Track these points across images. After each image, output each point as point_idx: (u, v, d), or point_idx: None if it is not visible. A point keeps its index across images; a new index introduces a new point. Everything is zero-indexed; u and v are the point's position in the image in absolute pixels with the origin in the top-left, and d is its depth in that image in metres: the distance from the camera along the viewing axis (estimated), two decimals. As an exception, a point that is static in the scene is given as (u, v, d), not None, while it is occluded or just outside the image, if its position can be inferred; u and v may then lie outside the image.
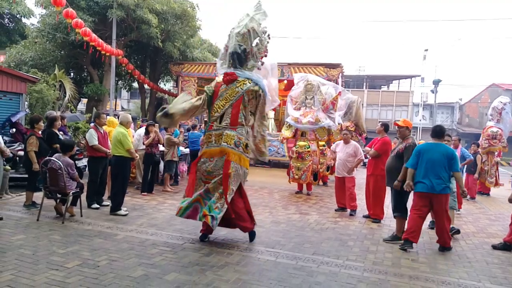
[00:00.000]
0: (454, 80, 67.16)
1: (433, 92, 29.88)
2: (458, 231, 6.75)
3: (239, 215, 5.53)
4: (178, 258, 4.76)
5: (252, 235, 5.71)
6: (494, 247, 6.11)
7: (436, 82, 28.96)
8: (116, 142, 6.96)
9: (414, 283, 4.43)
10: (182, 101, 5.66)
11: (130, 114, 9.44)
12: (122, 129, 7.10)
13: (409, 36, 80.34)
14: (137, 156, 7.51)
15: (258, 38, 5.70)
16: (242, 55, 5.67)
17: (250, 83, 5.62)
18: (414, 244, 5.74)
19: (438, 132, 5.94)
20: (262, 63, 5.84)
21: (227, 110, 5.56)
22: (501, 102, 12.95)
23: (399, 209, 6.23)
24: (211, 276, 4.27)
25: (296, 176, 10.05)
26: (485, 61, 68.04)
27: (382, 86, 43.59)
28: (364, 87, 40.07)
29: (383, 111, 39.18)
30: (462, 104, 44.31)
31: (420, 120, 37.14)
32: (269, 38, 5.79)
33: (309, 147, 10.19)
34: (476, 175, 11.26)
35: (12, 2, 21.39)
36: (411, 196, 6.05)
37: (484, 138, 11.99)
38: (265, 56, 5.84)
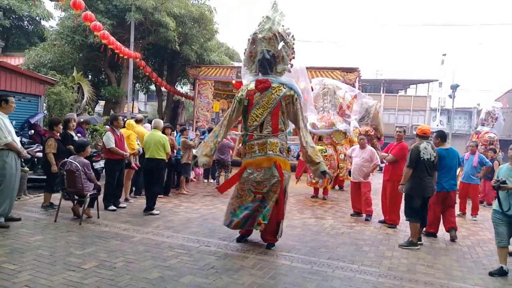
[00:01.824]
0: (472, 85, 65.96)
1: (450, 97, 29.37)
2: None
3: (266, 227, 5.48)
4: (193, 261, 4.77)
5: (270, 244, 5.60)
6: None
7: (454, 87, 28.43)
8: (159, 146, 7.37)
9: None
10: (202, 149, 5.73)
11: (147, 116, 9.55)
12: (159, 133, 7.58)
13: (427, 40, 79.36)
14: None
15: (284, 40, 5.63)
16: (272, 60, 5.62)
17: (285, 88, 5.55)
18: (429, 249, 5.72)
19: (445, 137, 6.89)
20: (291, 66, 5.75)
21: (267, 118, 5.51)
22: (495, 107, 12.90)
23: (409, 213, 6.26)
24: (226, 279, 4.27)
25: (314, 181, 10.02)
26: (504, 66, 66.85)
27: (399, 91, 43.17)
28: (381, 91, 39.70)
29: (400, 116, 38.76)
30: (480, 110, 43.50)
31: (437, 125, 36.64)
32: (294, 39, 5.72)
33: (326, 151, 10.14)
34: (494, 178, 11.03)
35: (33, 5, 21.85)
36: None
37: (480, 144, 11.80)
38: (293, 58, 5.75)
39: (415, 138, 6.61)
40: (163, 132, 9.01)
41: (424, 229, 6.73)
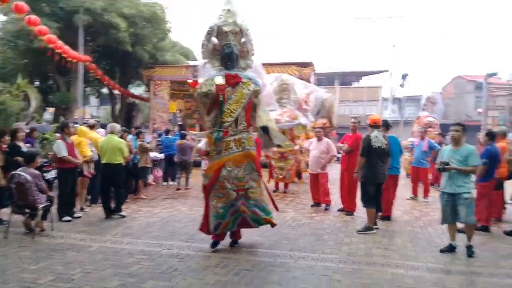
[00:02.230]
0: (421, 74, 69.01)
1: (401, 86, 30.59)
2: None
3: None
4: (155, 265, 4.71)
5: (234, 242, 5.62)
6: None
7: (404, 76, 29.68)
8: (116, 150, 7.37)
9: (385, 270, 4.66)
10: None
11: (100, 121, 9.33)
12: (116, 137, 7.60)
13: (378, 32, 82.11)
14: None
15: (246, 36, 5.57)
16: (237, 55, 5.51)
17: (252, 84, 5.52)
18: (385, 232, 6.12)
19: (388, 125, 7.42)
20: (252, 62, 5.73)
21: (241, 113, 5.40)
22: (434, 93, 13.73)
23: (365, 200, 6.57)
24: (190, 280, 4.27)
25: (281, 176, 10.17)
26: (450, 55, 70.33)
27: (353, 83, 44.27)
28: (336, 84, 40.58)
29: (354, 107, 39.79)
30: (428, 97, 45.41)
31: (389, 114, 37.95)
32: (251, 35, 5.66)
33: (291, 146, 10.28)
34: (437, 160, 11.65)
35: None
36: None
37: (420, 127, 12.47)
38: (253, 54, 5.70)
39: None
40: (120, 137, 8.82)
41: (380, 214, 7.00)
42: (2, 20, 16.49)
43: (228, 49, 5.44)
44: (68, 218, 7.00)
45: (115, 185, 7.51)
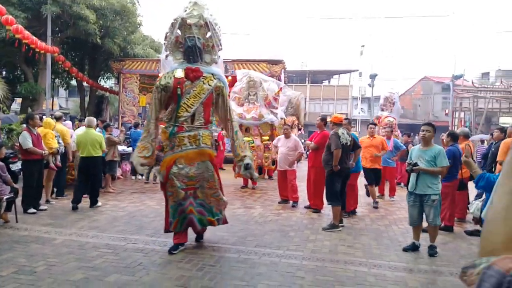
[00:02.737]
0: (389, 74, 70.62)
1: (370, 86, 31.34)
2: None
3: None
4: (120, 259, 4.73)
5: (199, 237, 5.58)
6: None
7: (373, 76, 30.45)
8: (95, 143, 7.74)
9: (348, 268, 4.73)
10: (138, 152, 5.26)
11: (68, 113, 9.26)
12: (94, 131, 8.03)
13: (348, 32, 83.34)
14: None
15: (213, 30, 5.33)
16: (201, 49, 5.30)
17: (215, 79, 5.30)
18: (350, 230, 6.17)
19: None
20: (219, 57, 5.51)
21: (198, 108, 5.17)
22: (392, 93, 14.16)
23: (330, 197, 6.64)
24: (154, 274, 4.31)
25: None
26: (417, 56, 72.29)
27: (323, 81, 44.87)
28: (307, 82, 41.06)
29: (325, 105, 40.33)
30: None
31: (359, 113, 38.77)
32: (220, 30, 5.48)
33: (253, 142, 10.40)
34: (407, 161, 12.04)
35: None
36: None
37: (381, 128, 12.86)
38: (221, 49, 5.50)
39: (331, 127, 7.02)
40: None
41: (344, 211, 7.15)
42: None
43: (190, 42, 5.22)
44: (33, 210, 6.92)
45: (93, 177, 7.81)
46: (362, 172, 8.37)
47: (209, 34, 5.37)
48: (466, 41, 72.82)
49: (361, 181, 8.68)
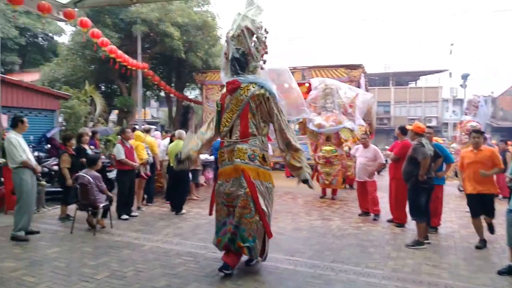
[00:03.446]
0: (484, 74, 64.64)
1: (462, 87, 29.12)
2: None
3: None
4: (200, 268, 4.96)
5: (249, 260, 5.14)
6: None
7: (465, 76, 28.25)
8: None
9: None
10: (188, 143, 5.27)
11: (159, 122, 10.10)
12: (182, 142, 8.46)
13: (434, 30, 78.36)
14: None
15: (255, 35, 5.00)
16: (242, 59, 4.97)
17: (254, 87, 4.91)
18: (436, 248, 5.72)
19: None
20: (265, 62, 5.14)
21: (235, 122, 4.93)
22: (476, 96, 12.97)
23: (414, 213, 6.23)
24: (230, 285, 4.43)
25: (327, 182, 10.15)
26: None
27: (409, 83, 42.71)
28: (390, 84, 39.39)
29: (412, 108, 38.34)
30: (495, 97, 42.73)
31: (450, 116, 36.17)
32: (267, 33, 5.10)
33: (335, 151, 10.24)
34: (507, 173, 10.89)
35: (45, 22, 22.46)
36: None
37: (463, 133, 11.78)
38: (266, 53, 5.14)
39: (410, 137, 6.62)
40: (171, 140, 9.38)
41: (431, 226, 6.70)
42: (71, 31, 17.96)
43: (231, 55, 5.03)
44: (125, 216, 7.58)
45: (181, 186, 8.32)
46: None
47: (253, 39, 5.03)
48: None
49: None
